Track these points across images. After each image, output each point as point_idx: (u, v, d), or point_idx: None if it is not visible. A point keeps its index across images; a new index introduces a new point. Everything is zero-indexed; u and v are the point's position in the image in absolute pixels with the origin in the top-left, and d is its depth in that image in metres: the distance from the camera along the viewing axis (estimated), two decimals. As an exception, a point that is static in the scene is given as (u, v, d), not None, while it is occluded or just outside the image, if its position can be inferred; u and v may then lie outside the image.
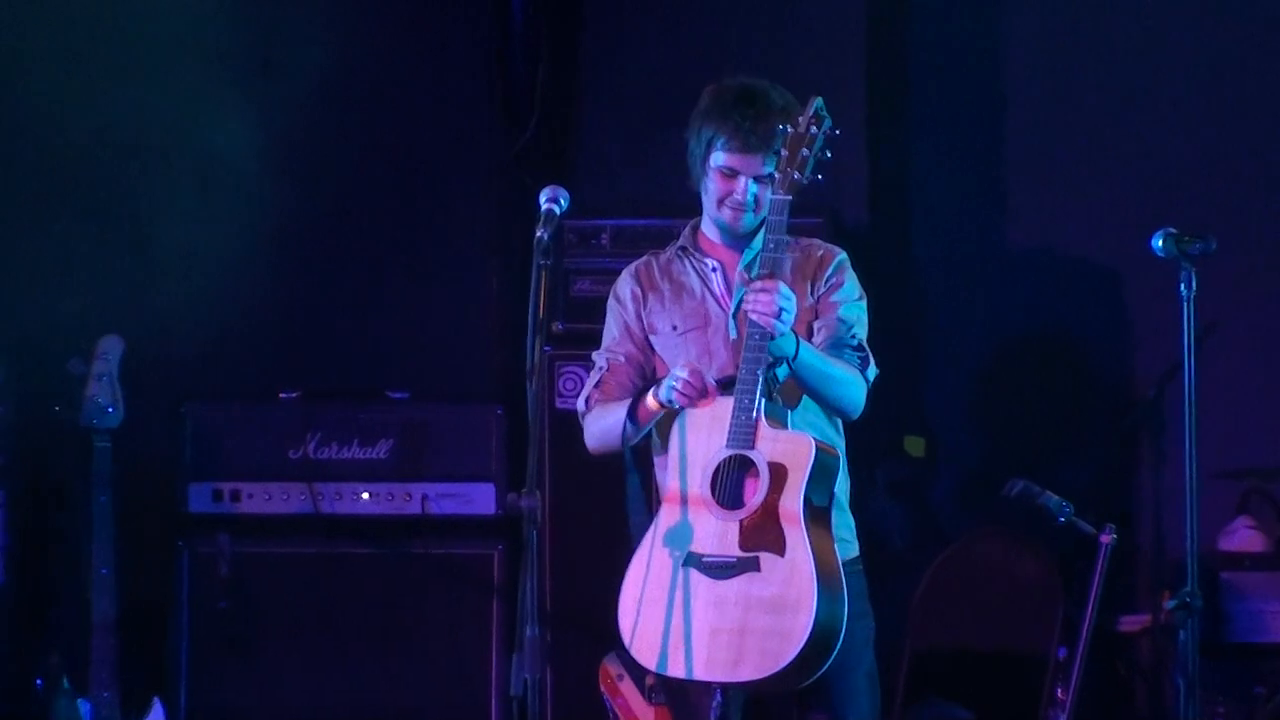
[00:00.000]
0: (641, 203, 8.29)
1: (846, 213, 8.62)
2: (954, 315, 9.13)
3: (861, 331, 6.52)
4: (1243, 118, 8.90)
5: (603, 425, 6.55)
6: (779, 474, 6.24)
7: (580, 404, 6.64)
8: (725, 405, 6.23)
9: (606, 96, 8.77)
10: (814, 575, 6.09)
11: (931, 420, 9.03)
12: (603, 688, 8.00)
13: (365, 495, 8.45)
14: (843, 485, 6.48)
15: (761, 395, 6.19)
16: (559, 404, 8.14)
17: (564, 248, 7.66)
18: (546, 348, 6.68)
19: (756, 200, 6.42)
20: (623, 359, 6.63)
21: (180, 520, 8.47)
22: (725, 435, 6.22)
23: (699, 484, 6.27)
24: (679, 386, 6.21)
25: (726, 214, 6.47)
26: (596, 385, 6.63)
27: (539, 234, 6.29)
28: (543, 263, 6.25)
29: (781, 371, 6.23)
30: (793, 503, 6.19)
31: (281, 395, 8.55)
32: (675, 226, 8.21)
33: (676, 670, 6.19)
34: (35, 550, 8.55)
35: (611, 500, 7.94)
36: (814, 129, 6.27)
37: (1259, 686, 8.17)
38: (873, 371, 6.47)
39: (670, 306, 6.61)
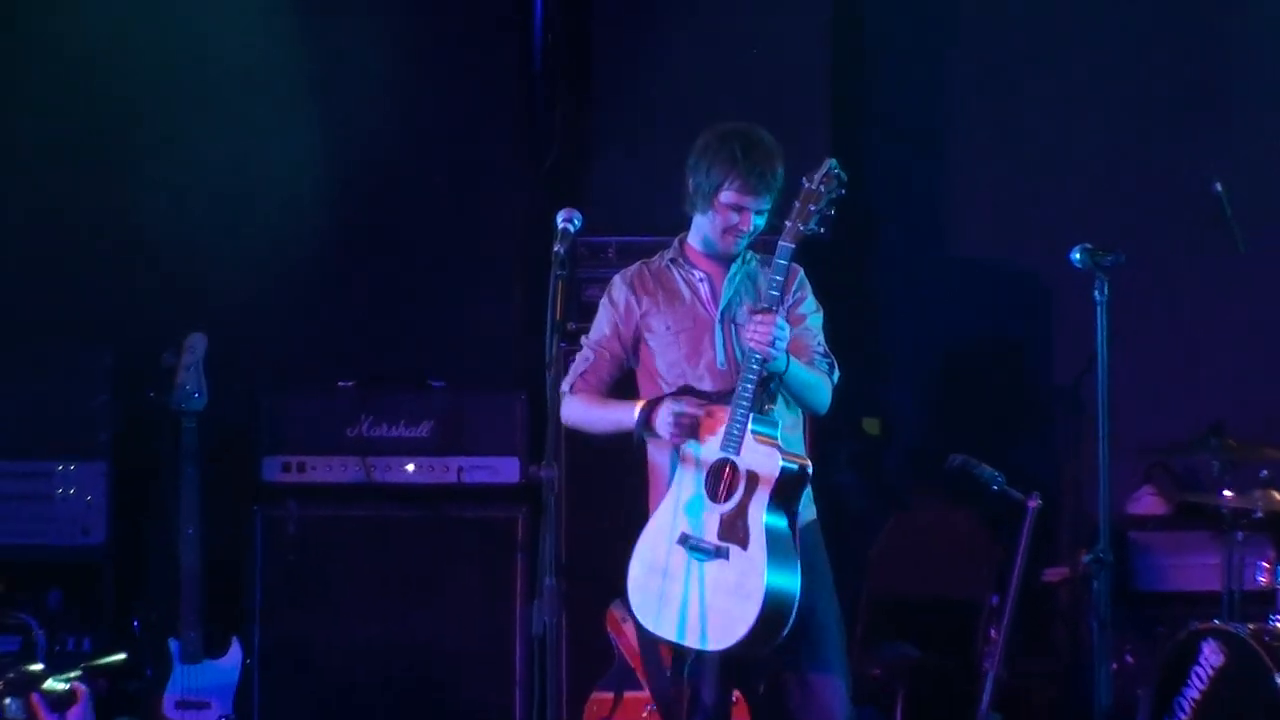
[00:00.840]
0: (641, 222, 8.29)
1: (813, 229, 8.65)
2: (905, 315, 9.19)
3: (824, 339, 6.60)
4: (1148, 148, 8.93)
5: (587, 416, 6.71)
6: (753, 480, 6.33)
7: (565, 385, 6.75)
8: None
9: (612, 135, 8.75)
10: (765, 572, 6.19)
11: (886, 404, 9.08)
12: (609, 629, 8.04)
13: (410, 467, 8.48)
14: None
15: (752, 410, 6.28)
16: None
17: (577, 260, 7.65)
18: (562, 344, 6.64)
19: (740, 229, 6.50)
20: (608, 356, 6.75)
21: (254, 488, 8.50)
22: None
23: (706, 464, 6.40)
24: (675, 430, 6.38)
25: (728, 240, 6.57)
26: (582, 374, 6.76)
27: (556, 249, 6.37)
28: (559, 273, 6.34)
29: (775, 385, 6.29)
30: (759, 507, 6.28)
31: (340, 384, 8.57)
32: (670, 242, 8.33)
33: (659, 630, 6.36)
34: (133, 513, 8.56)
35: (617, 473, 7.99)
36: (823, 188, 6.36)
37: (1160, 627, 8.20)
38: (838, 375, 6.58)
39: (664, 309, 6.67)
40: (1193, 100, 8.93)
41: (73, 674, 5.27)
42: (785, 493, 6.36)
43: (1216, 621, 7.67)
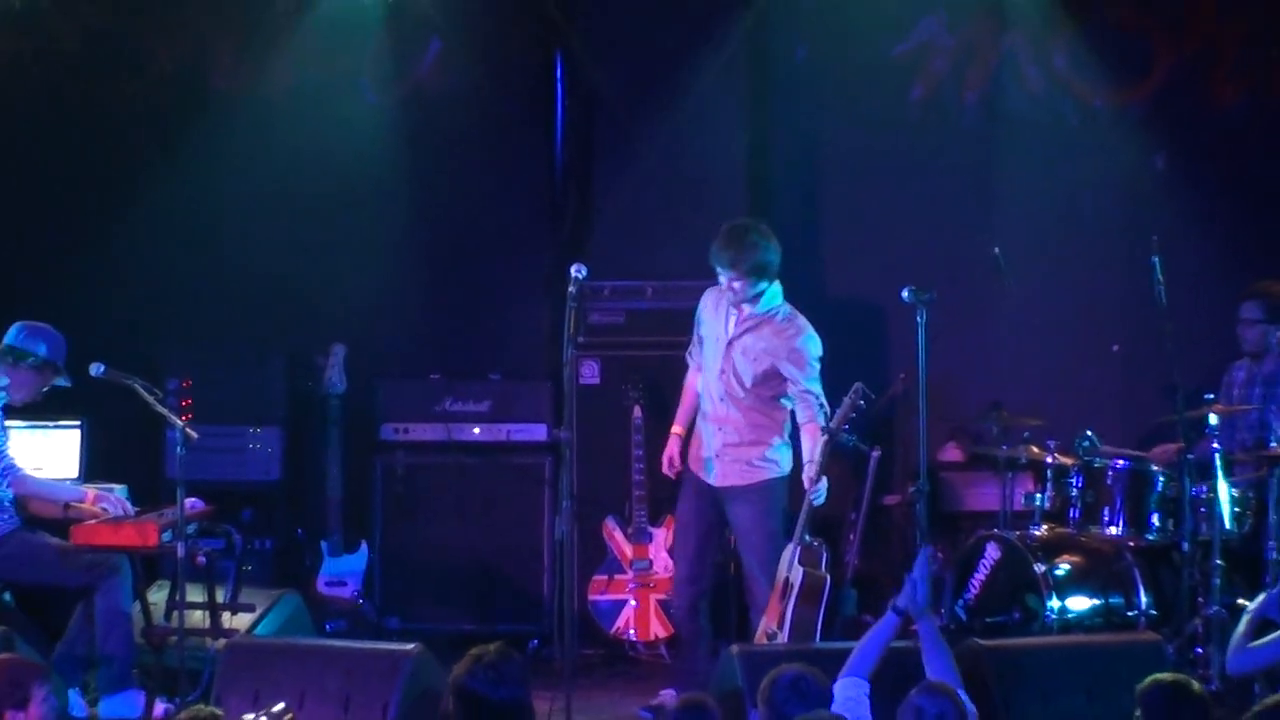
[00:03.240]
0: (625, 271, 8.40)
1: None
2: None
3: (808, 380, 6.77)
4: (953, 227, 8.96)
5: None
6: (790, 586, 6.59)
7: (687, 354, 7.04)
8: None
9: (606, 215, 8.77)
10: (789, 627, 6.56)
11: None
12: (604, 534, 8.16)
13: (476, 430, 8.52)
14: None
15: (800, 538, 6.61)
16: (581, 381, 8.23)
17: (583, 296, 7.71)
18: (575, 351, 6.76)
19: (732, 289, 6.66)
20: (697, 340, 7.01)
21: (376, 444, 8.55)
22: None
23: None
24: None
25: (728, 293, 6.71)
26: (689, 348, 7.07)
27: (571, 289, 6.48)
28: (572, 304, 6.50)
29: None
30: (791, 605, 6.59)
31: (431, 376, 8.63)
32: (644, 286, 8.43)
33: None
34: (298, 460, 8.60)
35: (610, 436, 8.10)
36: (862, 401, 6.60)
37: (959, 534, 8.31)
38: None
39: (708, 321, 6.96)
40: (981, 197, 9.00)
41: None
42: (808, 594, 6.51)
43: (995, 530, 7.78)
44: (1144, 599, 7.43)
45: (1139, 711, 4.87)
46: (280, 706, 4.73)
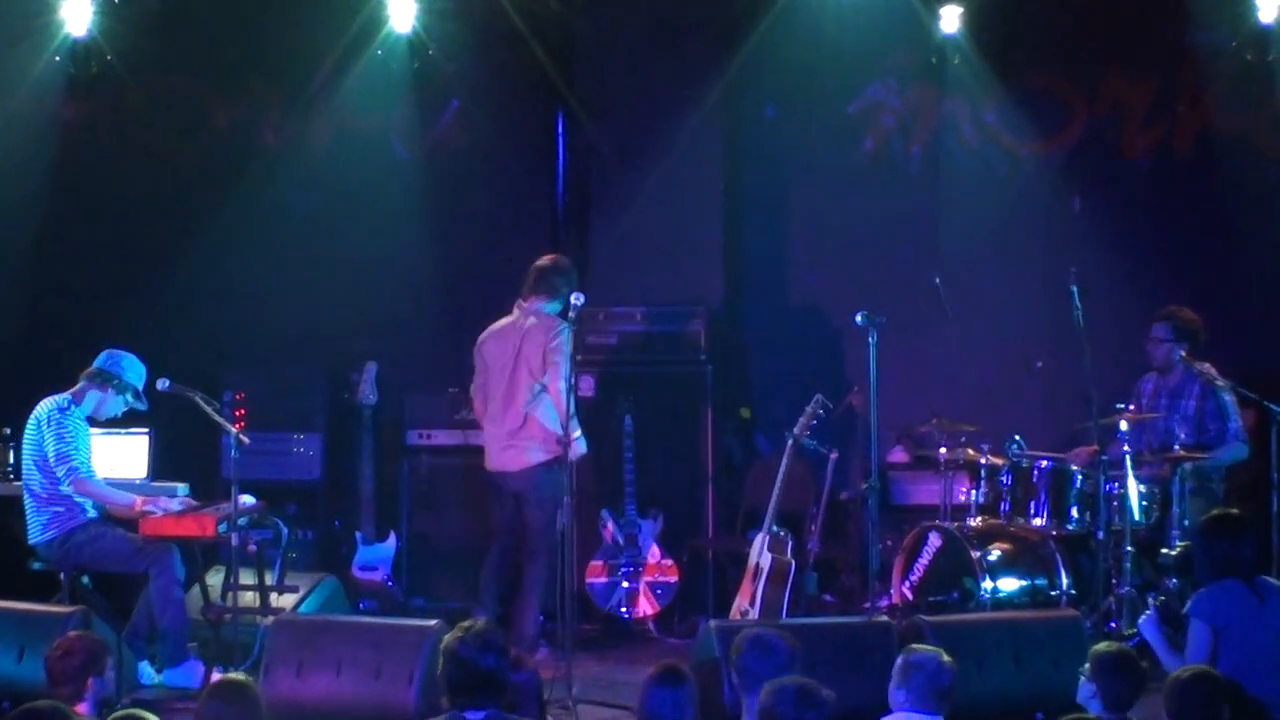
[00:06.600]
0: (616, 299, 8.42)
1: (713, 303, 8.68)
2: (766, 349, 9.14)
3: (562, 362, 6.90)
4: (898, 263, 8.95)
5: None
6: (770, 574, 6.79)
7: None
8: None
9: (602, 250, 8.78)
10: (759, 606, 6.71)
11: (753, 399, 9.07)
12: (600, 525, 8.13)
13: (489, 436, 8.49)
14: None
15: (769, 529, 6.81)
16: (579, 393, 8.07)
17: (582, 321, 7.70)
18: (574, 367, 6.75)
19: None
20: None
21: (403, 448, 8.54)
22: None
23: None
24: None
25: None
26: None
27: (571, 314, 6.47)
28: (574, 327, 6.45)
29: None
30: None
31: (450, 389, 8.55)
32: (634, 312, 8.42)
33: None
34: (336, 461, 8.56)
35: (605, 441, 8.03)
36: (821, 410, 6.68)
37: (906, 525, 8.19)
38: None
39: None
40: (924, 234, 9.03)
41: None
42: (775, 577, 6.74)
43: (937, 521, 7.76)
44: (1065, 580, 7.43)
45: (1087, 668, 5.03)
46: None
